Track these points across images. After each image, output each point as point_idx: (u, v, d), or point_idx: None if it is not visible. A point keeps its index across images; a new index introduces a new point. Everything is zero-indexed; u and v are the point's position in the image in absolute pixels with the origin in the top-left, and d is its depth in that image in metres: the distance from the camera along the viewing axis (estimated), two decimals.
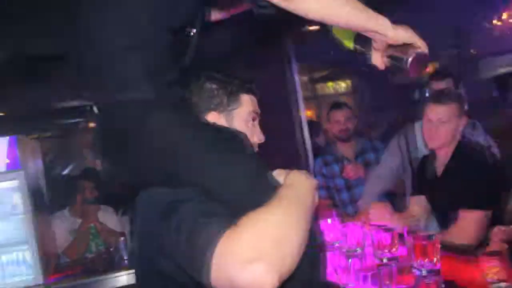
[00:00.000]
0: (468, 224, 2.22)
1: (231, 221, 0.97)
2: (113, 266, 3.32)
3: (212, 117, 1.33)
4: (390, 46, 1.21)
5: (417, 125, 3.09)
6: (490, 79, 9.76)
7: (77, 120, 7.68)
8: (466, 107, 2.52)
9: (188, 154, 1.10)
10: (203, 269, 0.94)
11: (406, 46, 1.20)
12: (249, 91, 1.41)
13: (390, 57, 1.23)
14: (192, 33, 1.31)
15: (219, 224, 0.97)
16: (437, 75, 3.05)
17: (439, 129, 2.37)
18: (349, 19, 1.12)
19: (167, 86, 1.20)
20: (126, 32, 1.14)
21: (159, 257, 1.10)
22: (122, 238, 3.45)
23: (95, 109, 1.22)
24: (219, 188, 1.09)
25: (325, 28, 1.48)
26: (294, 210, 1.04)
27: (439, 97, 2.44)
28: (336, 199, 3.61)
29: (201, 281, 0.97)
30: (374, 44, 1.22)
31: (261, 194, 1.07)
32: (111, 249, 3.51)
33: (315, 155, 4.12)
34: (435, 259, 1.53)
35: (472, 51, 10.06)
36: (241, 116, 1.37)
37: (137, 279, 1.27)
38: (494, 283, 1.46)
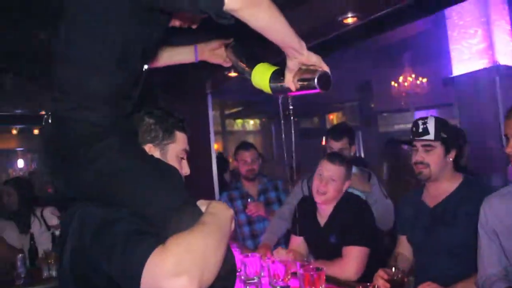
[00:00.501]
0: (349, 258, 2.48)
1: (160, 240, 1.08)
2: (10, 283, 3.29)
3: (148, 149, 1.45)
4: (299, 70, 1.44)
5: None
6: (386, 133, 10.70)
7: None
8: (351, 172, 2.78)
9: (125, 179, 1.22)
10: (136, 282, 1.03)
11: (312, 70, 1.43)
12: (182, 129, 1.55)
13: (300, 79, 1.45)
14: (145, 68, 1.42)
15: (150, 242, 1.08)
16: (333, 134, 3.27)
17: (328, 185, 2.63)
18: (285, 34, 1.30)
19: (120, 115, 1.31)
20: (102, 52, 1.23)
21: (92, 273, 1.18)
22: (20, 255, 3.40)
23: (47, 118, 1.28)
24: (152, 212, 1.21)
25: (243, 77, 1.71)
26: (215, 234, 1.17)
27: (334, 158, 2.66)
28: (238, 233, 3.80)
29: None
30: (289, 64, 1.42)
31: (188, 218, 1.22)
32: (7, 267, 3.43)
33: (221, 190, 4.31)
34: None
35: (372, 106, 10.96)
36: (174, 151, 1.51)
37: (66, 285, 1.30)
38: None
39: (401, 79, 9.26)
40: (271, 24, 1.26)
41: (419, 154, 2.35)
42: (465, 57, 7.03)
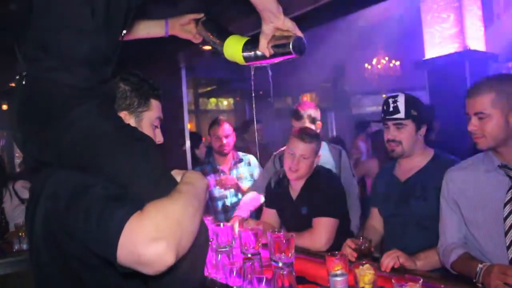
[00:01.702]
0: (319, 229, 2.56)
1: (137, 206, 1.07)
2: None
3: (123, 116, 1.42)
4: (273, 36, 1.46)
5: None
6: (358, 114, 10.84)
7: None
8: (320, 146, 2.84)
9: (103, 145, 1.20)
10: (112, 248, 1.02)
11: (286, 36, 1.46)
12: (157, 97, 1.54)
13: (275, 45, 1.48)
14: (123, 34, 1.40)
15: (127, 208, 1.06)
16: (296, 115, 3.35)
17: (299, 163, 2.69)
18: None
19: (100, 80, 1.29)
20: (86, 11, 1.19)
21: (66, 239, 1.15)
22: None
23: (20, 79, 1.23)
24: (128, 179, 1.20)
25: (217, 52, 1.73)
26: (191, 202, 1.17)
27: (302, 135, 2.71)
28: (210, 207, 3.85)
29: (109, 260, 1.05)
30: (264, 29, 1.45)
31: (164, 187, 1.20)
32: None
33: (193, 166, 4.33)
34: (290, 254, 1.84)
35: (345, 87, 11.06)
36: (149, 119, 1.50)
37: (39, 260, 1.28)
38: (333, 275, 1.78)
39: (374, 61, 9.36)
40: None
41: (391, 133, 2.42)
42: (437, 41, 7.15)
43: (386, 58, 9.36)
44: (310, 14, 2.50)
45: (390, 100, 2.41)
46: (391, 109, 2.39)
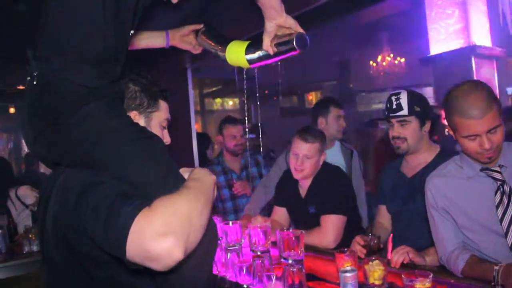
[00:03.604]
0: (327, 226, 2.57)
1: (145, 202, 1.08)
2: None
3: (133, 116, 1.45)
4: (275, 35, 1.49)
5: None
6: (365, 112, 10.82)
7: None
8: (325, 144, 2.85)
9: (111, 142, 1.21)
10: (122, 244, 1.03)
11: (288, 33, 1.49)
12: (165, 98, 1.57)
13: (278, 43, 1.51)
14: (131, 34, 1.41)
15: (135, 204, 1.07)
16: (338, 103, 3.47)
17: (304, 163, 2.70)
18: None
19: (109, 79, 1.30)
20: (97, 10, 1.21)
21: (76, 237, 1.18)
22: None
23: (31, 79, 1.25)
24: (136, 176, 1.21)
25: (219, 58, 1.75)
26: (199, 198, 1.18)
27: (305, 135, 2.71)
28: (220, 208, 3.85)
29: (118, 256, 1.06)
30: (267, 27, 1.48)
31: (172, 183, 1.22)
32: None
33: (202, 166, 4.32)
34: (299, 251, 1.84)
35: (351, 85, 11.05)
36: (158, 119, 1.53)
37: (50, 260, 1.30)
38: (343, 271, 1.79)
39: (379, 58, 9.34)
40: None
41: (396, 130, 2.42)
42: (442, 37, 7.13)
43: (391, 55, 9.34)
44: (309, 14, 2.50)
45: (393, 98, 2.42)
46: (394, 106, 2.40)
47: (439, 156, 2.41)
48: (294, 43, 1.46)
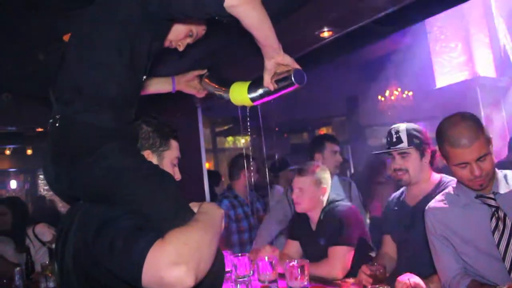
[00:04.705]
0: (333, 257, 2.62)
1: (158, 234, 1.18)
2: None
3: (146, 155, 1.55)
4: (275, 73, 1.60)
5: None
6: (375, 146, 10.85)
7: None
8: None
9: (126, 179, 1.31)
10: (138, 273, 1.13)
11: (287, 70, 1.60)
12: (175, 138, 1.67)
13: (278, 80, 1.62)
14: (143, 79, 1.56)
15: (149, 236, 1.18)
16: (333, 139, 3.61)
17: (299, 197, 2.80)
18: (269, 33, 1.47)
19: (124, 121, 1.43)
20: (114, 56, 1.35)
21: (94, 269, 1.26)
22: (18, 269, 3.49)
23: (56, 123, 1.36)
24: (149, 210, 1.31)
25: (224, 99, 1.87)
26: (208, 230, 1.28)
27: (299, 169, 2.89)
28: (226, 240, 3.92)
29: (135, 284, 1.15)
30: (266, 65, 1.58)
31: (182, 217, 1.32)
32: (4, 281, 3.50)
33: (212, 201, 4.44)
34: (304, 280, 1.91)
35: (360, 120, 11.13)
36: (169, 158, 1.63)
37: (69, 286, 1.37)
38: None
39: (387, 93, 9.45)
40: (260, 23, 1.43)
41: (397, 162, 2.51)
42: (447, 70, 7.26)
43: (399, 89, 9.44)
44: (314, 53, 2.64)
45: (393, 131, 2.52)
46: (394, 139, 2.50)
47: (440, 184, 2.48)
48: (293, 78, 1.58)
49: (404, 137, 2.46)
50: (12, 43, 2.60)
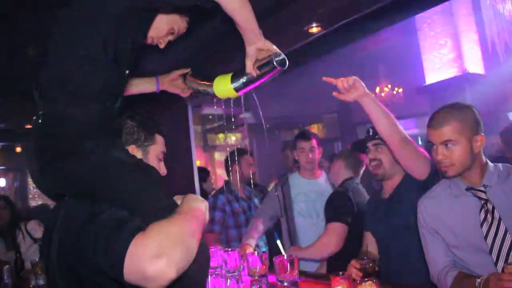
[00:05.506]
0: (327, 232, 2.94)
1: (141, 228, 1.19)
2: None
3: (131, 150, 1.53)
4: (256, 60, 1.61)
5: (290, 178, 3.64)
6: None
7: None
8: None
9: (110, 174, 1.32)
10: (120, 266, 1.13)
11: (268, 55, 1.61)
12: (161, 133, 1.67)
13: (260, 66, 1.63)
14: (127, 73, 1.54)
15: (131, 230, 1.19)
16: (303, 136, 3.60)
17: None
18: (251, 19, 1.49)
19: (109, 117, 1.43)
20: (97, 50, 1.34)
21: (79, 265, 1.27)
22: (6, 266, 3.47)
23: (39, 119, 1.36)
24: (132, 203, 1.32)
25: (209, 95, 1.87)
26: (191, 223, 1.28)
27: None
28: (223, 234, 3.95)
29: (117, 278, 1.15)
30: (248, 51, 1.60)
31: (165, 210, 1.32)
32: None
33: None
34: (294, 274, 1.92)
35: (351, 117, 11.18)
36: (154, 153, 1.62)
37: (54, 283, 1.39)
38: None
39: (377, 90, 9.50)
40: (242, 9, 1.46)
41: (371, 153, 2.62)
42: (437, 66, 7.32)
43: (389, 86, 9.49)
44: (304, 48, 2.65)
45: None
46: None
47: (407, 174, 2.53)
48: (274, 62, 1.59)
49: None
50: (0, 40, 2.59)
